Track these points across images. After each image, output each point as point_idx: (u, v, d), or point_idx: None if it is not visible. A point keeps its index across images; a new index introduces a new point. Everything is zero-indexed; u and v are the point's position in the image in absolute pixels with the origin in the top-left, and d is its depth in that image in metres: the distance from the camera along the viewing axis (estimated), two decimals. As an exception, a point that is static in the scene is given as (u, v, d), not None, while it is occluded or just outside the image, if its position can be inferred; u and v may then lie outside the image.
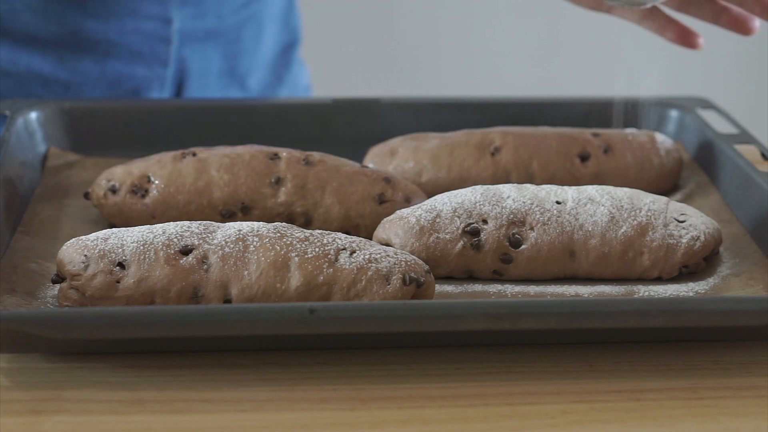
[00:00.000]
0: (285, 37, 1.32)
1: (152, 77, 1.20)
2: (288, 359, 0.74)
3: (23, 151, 0.98)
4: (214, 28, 1.22)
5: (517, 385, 0.72)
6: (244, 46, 1.26)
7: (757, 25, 0.99)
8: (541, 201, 0.85)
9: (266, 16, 1.28)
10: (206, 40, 1.22)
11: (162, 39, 1.19)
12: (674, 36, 1.04)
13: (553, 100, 1.12)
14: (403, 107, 1.10)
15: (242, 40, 1.25)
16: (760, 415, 0.69)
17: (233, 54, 1.25)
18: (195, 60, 1.22)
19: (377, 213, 0.90)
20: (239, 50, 1.25)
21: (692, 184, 1.00)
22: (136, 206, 0.90)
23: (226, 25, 1.23)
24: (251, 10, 1.25)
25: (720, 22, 1.00)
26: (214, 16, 1.22)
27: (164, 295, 0.76)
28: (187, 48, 1.21)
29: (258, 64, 1.29)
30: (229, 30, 1.24)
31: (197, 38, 1.21)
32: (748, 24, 0.99)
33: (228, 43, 1.24)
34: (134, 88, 1.20)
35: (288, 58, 1.33)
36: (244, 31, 1.25)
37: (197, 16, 1.20)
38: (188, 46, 1.21)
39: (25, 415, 0.68)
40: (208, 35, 1.22)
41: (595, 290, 0.84)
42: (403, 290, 0.77)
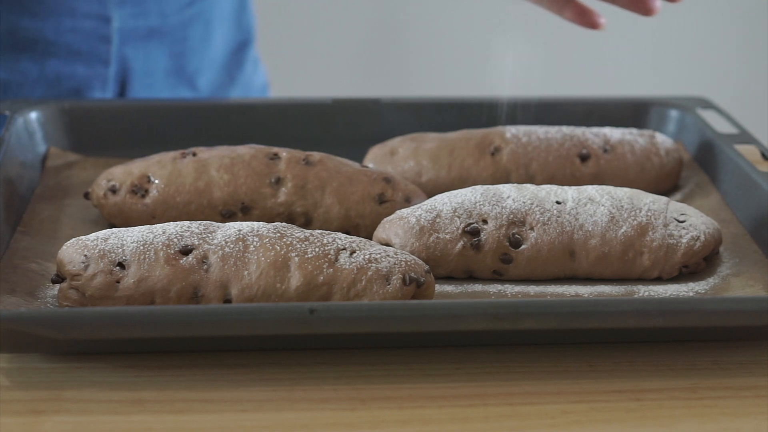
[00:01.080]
0: (237, 36, 1.31)
1: (93, 76, 1.19)
2: (288, 359, 0.74)
3: (23, 151, 0.98)
4: (157, 26, 1.21)
5: (517, 385, 0.72)
6: (191, 45, 1.25)
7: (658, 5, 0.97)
8: (541, 201, 0.85)
9: (214, 15, 1.26)
10: (149, 39, 1.21)
11: (101, 38, 1.18)
12: (572, 15, 1.00)
13: (553, 100, 1.12)
14: (403, 107, 1.10)
15: (189, 39, 1.24)
16: (760, 415, 0.69)
17: (180, 53, 1.24)
18: (138, 59, 1.21)
19: (377, 213, 0.90)
20: (186, 49, 1.24)
21: (692, 184, 1.00)
22: (136, 206, 0.90)
23: (170, 24, 1.22)
24: (196, 9, 1.24)
25: (618, 2, 0.98)
26: (157, 14, 1.20)
27: (164, 295, 0.76)
28: (129, 47, 1.20)
29: (208, 64, 1.27)
30: (173, 29, 1.22)
31: (139, 37, 1.20)
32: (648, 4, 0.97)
33: (174, 42, 1.23)
34: (75, 87, 1.19)
35: (241, 57, 1.32)
36: (190, 30, 1.24)
37: (138, 14, 1.19)
38: (130, 45, 1.20)
39: (25, 415, 0.68)
40: (151, 34, 1.21)
41: (595, 290, 0.84)
42: (403, 290, 0.77)
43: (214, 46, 1.28)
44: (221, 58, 1.29)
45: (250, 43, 1.33)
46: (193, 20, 1.24)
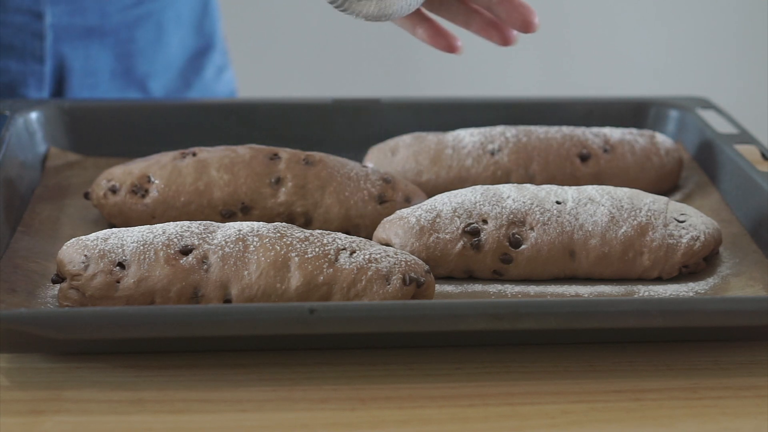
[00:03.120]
0: (197, 42, 1.29)
1: (27, 72, 1.17)
2: (288, 359, 0.74)
3: (23, 151, 0.98)
4: (96, 25, 1.19)
5: (517, 385, 0.72)
6: (139, 47, 1.23)
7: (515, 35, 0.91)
8: (541, 201, 0.85)
9: (168, 18, 1.25)
10: (89, 38, 1.19)
11: (34, 34, 1.16)
12: (426, 35, 0.93)
13: (553, 100, 1.12)
14: (403, 107, 1.10)
15: (136, 40, 1.22)
16: (760, 415, 0.69)
17: (126, 54, 1.22)
18: (77, 58, 1.19)
19: (377, 213, 0.90)
20: (133, 51, 1.23)
21: (692, 184, 1.00)
22: (136, 206, 0.90)
23: (113, 24, 1.20)
24: (143, 10, 1.22)
25: (472, 27, 0.92)
26: (96, 13, 1.19)
27: (164, 295, 0.76)
28: (65, 45, 1.18)
29: (162, 68, 1.26)
30: (117, 29, 1.21)
31: (77, 35, 1.18)
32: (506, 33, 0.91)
33: (118, 43, 1.21)
34: (9, 83, 1.17)
35: (199, 63, 1.30)
36: (137, 31, 1.22)
37: (75, 12, 1.17)
38: (67, 42, 1.18)
39: (25, 415, 0.68)
40: (90, 33, 1.19)
41: (595, 290, 0.84)
42: (403, 290, 0.77)
43: (169, 50, 1.26)
44: (177, 62, 1.28)
45: (211, 49, 1.31)
46: (141, 21, 1.22)
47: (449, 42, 0.92)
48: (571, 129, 1.01)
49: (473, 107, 1.10)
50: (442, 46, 0.92)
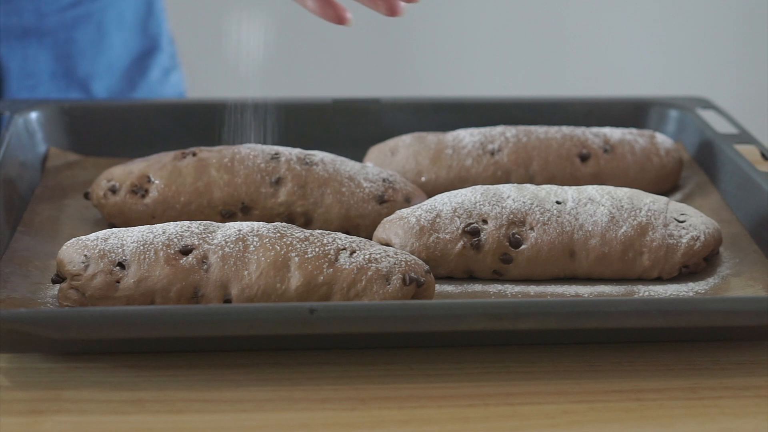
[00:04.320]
0: (142, 43, 1.28)
1: None
2: (288, 359, 0.74)
3: (23, 151, 0.98)
4: (33, 26, 1.18)
5: (517, 385, 0.72)
6: (79, 48, 1.22)
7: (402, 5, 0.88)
8: (541, 201, 0.85)
9: (110, 19, 1.24)
10: (26, 38, 1.18)
11: None
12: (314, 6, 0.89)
13: (553, 100, 1.12)
14: (403, 107, 1.10)
15: (76, 41, 1.22)
16: (760, 415, 0.69)
17: (66, 55, 1.21)
18: (15, 58, 1.18)
19: (377, 213, 0.90)
20: (73, 52, 1.22)
21: (692, 184, 1.00)
22: (136, 206, 0.90)
23: (50, 24, 1.19)
24: (82, 11, 1.21)
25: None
26: (32, 13, 1.18)
27: (164, 295, 0.76)
28: (1, 45, 1.17)
29: (103, 69, 1.25)
30: (55, 30, 1.20)
31: (13, 36, 1.17)
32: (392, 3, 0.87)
33: (57, 44, 1.20)
34: None
35: (144, 64, 1.29)
36: (76, 32, 1.21)
37: (10, 12, 1.16)
38: (3, 43, 1.17)
39: (25, 415, 0.68)
40: (27, 33, 1.18)
41: (595, 290, 0.84)
42: (403, 290, 0.77)
43: (111, 51, 1.25)
44: (121, 63, 1.27)
45: (157, 50, 1.30)
46: (80, 22, 1.22)
47: (338, 13, 0.88)
48: (571, 129, 1.01)
49: (473, 107, 1.10)
50: (331, 17, 0.88)
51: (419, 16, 2.36)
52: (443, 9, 2.34)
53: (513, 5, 2.35)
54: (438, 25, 2.35)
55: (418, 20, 2.36)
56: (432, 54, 2.38)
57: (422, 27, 2.36)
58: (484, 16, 2.35)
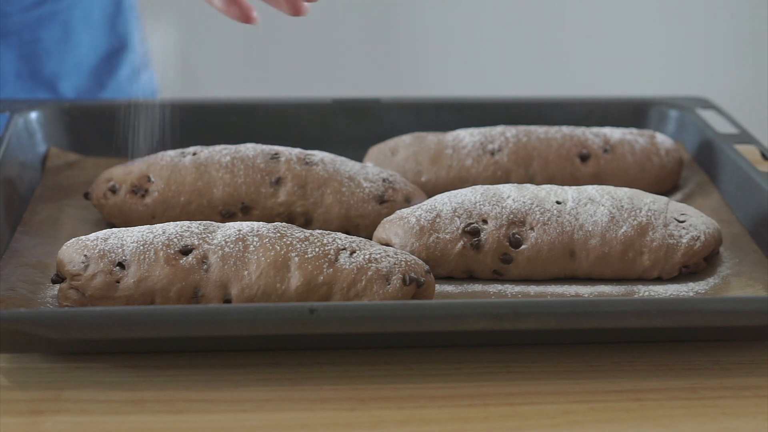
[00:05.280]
0: (110, 42, 1.27)
1: None
2: (288, 359, 0.74)
3: (23, 151, 0.98)
4: None
5: (517, 385, 0.72)
6: (45, 47, 1.21)
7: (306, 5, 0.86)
8: (541, 201, 0.85)
9: (76, 17, 1.23)
10: None
11: None
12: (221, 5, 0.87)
13: (553, 100, 1.12)
14: (403, 107, 1.10)
15: (41, 41, 1.20)
16: (760, 415, 0.69)
17: (31, 55, 1.20)
18: None
19: (377, 213, 0.90)
20: (39, 52, 1.21)
21: (692, 184, 1.00)
22: (136, 206, 0.90)
23: (14, 24, 1.18)
24: (46, 10, 1.20)
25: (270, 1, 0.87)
26: None
27: (164, 295, 0.76)
28: None
29: (70, 68, 1.24)
30: (19, 29, 1.19)
31: None
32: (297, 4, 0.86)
33: (22, 44, 1.19)
34: None
35: (113, 64, 1.27)
36: (41, 31, 1.20)
37: None
38: None
39: (25, 415, 0.68)
40: None
41: (595, 290, 0.84)
42: (403, 290, 0.77)
43: (79, 50, 1.24)
44: (88, 62, 1.26)
45: (126, 50, 1.29)
46: (44, 21, 1.20)
47: (244, 12, 0.87)
48: (571, 129, 1.01)
49: (473, 107, 1.10)
50: (236, 16, 0.87)
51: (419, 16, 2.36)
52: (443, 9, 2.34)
53: (513, 5, 2.35)
54: (438, 25, 2.35)
55: (418, 20, 2.36)
56: (432, 54, 2.38)
57: (422, 27, 2.36)
58: (484, 16, 2.35)
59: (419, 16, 2.36)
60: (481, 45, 2.38)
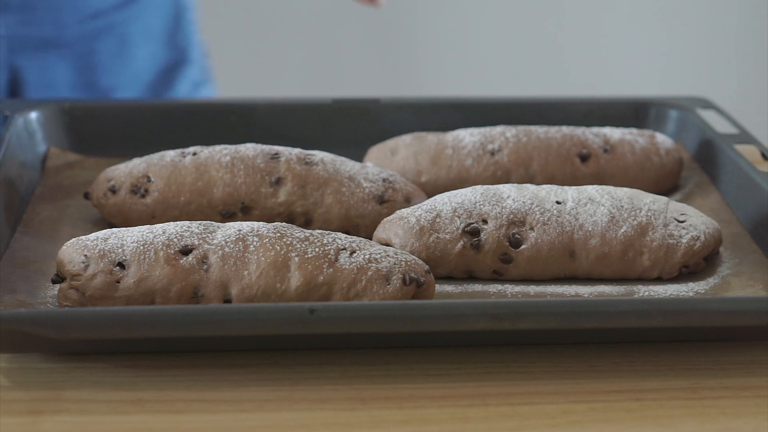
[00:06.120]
0: (170, 55, 1.27)
1: None
2: (288, 359, 0.74)
3: (23, 151, 0.98)
4: (52, 37, 1.16)
5: (517, 385, 0.72)
6: (101, 59, 1.21)
7: None
8: (541, 201, 0.85)
9: (134, 31, 1.23)
10: (44, 50, 1.17)
11: None
12: None
13: (553, 100, 1.12)
14: (403, 107, 1.10)
15: (98, 53, 1.20)
16: (760, 415, 0.69)
17: (87, 67, 1.20)
18: (32, 69, 1.17)
19: (377, 213, 0.90)
20: (95, 64, 1.20)
21: (692, 184, 1.00)
22: (136, 206, 0.90)
23: (70, 36, 1.18)
24: (104, 22, 1.20)
25: None
26: (51, 24, 1.16)
27: (164, 295, 0.76)
28: (19, 56, 1.15)
29: (127, 81, 1.24)
30: (74, 41, 1.18)
31: (31, 47, 1.16)
32: None
33: (77, 56, 1.19)
34: None
35: (171, 77, 1.28)
36: (98, 44, 1.20)
37: (28, 22, 1.15)
38: (21, 54, 1.15)
39: (25, 415, 0.68)
40: (45, 44, 1.17)
41: (595, 290, 0.84)
42: (403, 290, 0.77)
43: (136, 63, 1.24)
44: (147, 76, 1.26)
45: (186, 63, 1.29)
46: (102, 34, 1.20)
47: None
48: (571, 129, 1.01)
49: (473, 107, 1.10)
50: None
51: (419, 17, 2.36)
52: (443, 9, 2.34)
53: (513, 5, 2.35)
54: (438, 25, 2.35)
55: (418, 20, 2.36)
56: (432, 54, 2.39)
57: (422, 27, 2.36)
58: (484, 16, 2.35)
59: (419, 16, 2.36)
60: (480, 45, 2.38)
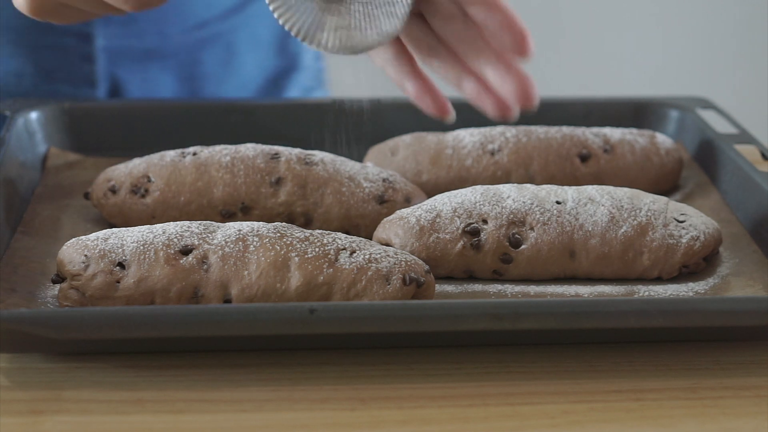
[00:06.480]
0: (279, 62, 1.24)
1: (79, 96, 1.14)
2: (288, 359, 0.74)
3: (23, 151, 0.98)
4: (155, 48, 1.15)
5: (517, 385, 0.72)
6: (206, 69, 1.19)
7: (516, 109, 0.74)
8: (541, 201, 0.85)
9: (241, 39, 1.20)
10: (147, 61, 1.15)
11: (83, 56, 1.12)
12: (413, 92, 0.78)
13: (553, 100, 1.12)
14: (403, 107, 1.09)
15: (203, 63, 1.18)
16: (760, 415, 0.69)
17: (191, 77, 1.18)
18: (134, 81, 1.15)
19: (377, 213, 0.90)
20: (199, 74, 1.18)
21: (692, 184, 1.00)
22: (136, 206, 0.90)
23: (174, 46, 1.16)
24: (210, 32, 1.17)
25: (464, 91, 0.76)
26: (155, 35, 1.14)
27: (164, 295, 0.76)
28: (120, 68, 1.14)
29: (233, 90, 1.21)
30: (178, 51, 1.16)
31: (133, 58, 1.14)
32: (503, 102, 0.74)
33: (181, 66, 1.17)
34: None
35: (281, 84, 1.25)
36: (204, 53, 1.18)
37: (131, 35, 1.13)
38: (122, 65, 1.14)
39: (25, 415, 0.68)
40: (148, 55, 1.15)
41: (595, 290, 0.84)
42: (403, 290, 0.77)
43: (243, 72, 1.22)
44: (254, 84, 1.23)
45: (297, 70, 1.26)
46: (207, 43, 1.18)
47: (438, 104, 0.78)
48: (571, 129, 1.01)
49: (473, 107, 1.10)
50: (429, 107, 0.78)
51: (419, 16, 2.36)
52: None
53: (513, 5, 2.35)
54: (438, 25, 2.35)
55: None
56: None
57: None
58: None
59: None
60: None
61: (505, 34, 0.71)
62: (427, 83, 0.78)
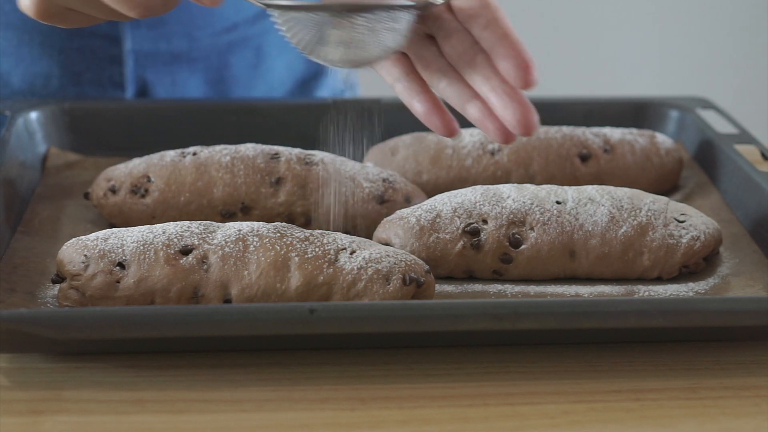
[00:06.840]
0: (309, 65, 1.23)
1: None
2: (288, 359, 0.74)
3: (23, 151, 0.98)
4: (183, 51, 1.14)
5: (517, 385, 0.72)
6: (235, 73, 1.18)
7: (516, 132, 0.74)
8: (541, 201, 0.85)
9: (271, 42, 1.19)
10: (175, 64, 1.15)
11: (112, 59, 1.12)
12: (421, 111, 0.79)
13: (553, 100, 1.12)
14: (403, 107, 1.09)
15: (231, 66, 1.18)
16: (760, 415, 0.69)
17: (220, 80, 1.18)
18: (163, 84, 1.15)
19: (377, 213, 0.90)
20: (228, 77, 1.18)
21: (692, 184, 1.00)
22: (136, 206, 0.90)
23: (202, 50, 1.15)
24: (239, 35, 1.17)
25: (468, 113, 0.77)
26: (183, 38, 1.14)
27: (164, 295, 0.76)
28: (149, 71, 1.14)
29: (263, 93, 1.20)
30: (207, 55, 1.16)
31: (162, 61, 1.14)
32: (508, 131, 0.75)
33: (210, 69, 1.17)
34: None
35: (310, 88, 1.24)
36: (232, 56, 1.17)
37: (159, 38, 1.13)
38: (151, 68, 1.14)
39: (25, 415, 0.68)
40: (177, 59, 1.15)
41: (595, 290, 0.84)
42: (403, 290, 0.77)
43: (272, 76, 1.21)
44: (283, 88, 1.22)
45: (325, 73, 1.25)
46: (236, 47, 1.17)
47: (446, 123, 0.78)
48: (571, 129, 1.01)
49: (473, 107, 1.10)
50: (437, 127, 0.79)
51: (419, 16, 2.36)
52: (443, 9, 2.33)
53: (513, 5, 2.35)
54: (438, 25, 2.35)
55: (418, 20, 2.35)
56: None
57: (422, 27, 2.36)
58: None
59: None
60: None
61: (510, 64, 0.73)
62: (435, 102, 0.79)
